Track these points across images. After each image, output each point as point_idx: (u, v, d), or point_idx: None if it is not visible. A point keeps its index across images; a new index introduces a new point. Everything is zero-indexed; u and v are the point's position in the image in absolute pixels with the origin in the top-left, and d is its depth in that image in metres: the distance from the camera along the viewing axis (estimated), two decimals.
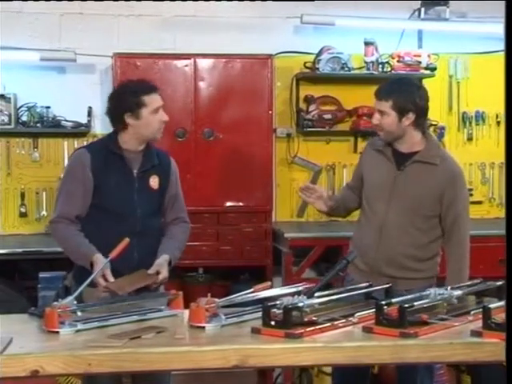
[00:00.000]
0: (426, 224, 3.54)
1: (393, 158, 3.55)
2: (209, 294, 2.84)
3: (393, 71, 5.42)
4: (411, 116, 3.47)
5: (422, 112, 3.52)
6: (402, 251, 3.52)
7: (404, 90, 3.49)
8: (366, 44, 5.36)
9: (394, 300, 2.78)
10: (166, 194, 3.49)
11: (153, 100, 3.36)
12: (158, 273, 3.28)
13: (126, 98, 3.36)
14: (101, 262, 3.16)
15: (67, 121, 5.25)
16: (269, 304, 2.72)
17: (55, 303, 2.79)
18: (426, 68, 5.45)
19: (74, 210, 3.36)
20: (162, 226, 3.53)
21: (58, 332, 2.68)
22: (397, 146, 3.56)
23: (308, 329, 2.63)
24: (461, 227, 3.55)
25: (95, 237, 3.31)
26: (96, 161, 3.36)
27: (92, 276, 3.04)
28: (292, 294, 2.85)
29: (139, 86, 3.38)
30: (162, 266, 3.30)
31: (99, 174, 3.35)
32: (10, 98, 5.13)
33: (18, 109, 5.21)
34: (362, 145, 5.56)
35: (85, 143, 5.32)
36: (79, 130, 5.29)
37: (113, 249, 3.11)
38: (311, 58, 5.42)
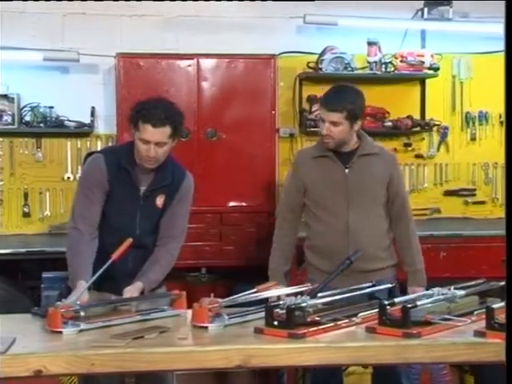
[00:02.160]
0: (382, 211, 3.69)
1: (337, 159, 3.64)
2: (212, 294, 2.84)
3: (396, 71, 5.43)
4: (359, 122, 3.62)
5: (363, 116, 3.79)
6: (372, 242, 3.62)
7: (354, 98, 3.60)
8: (369, 44, 5.36)
9: (396, 300, 2.78)
10: (166, 210, 3.39)
11: (146, 131, 3.17)
12: None
13: (133, 112, 3.26)
14: (80, 289, 3.02)
15: (70, 121, 5.25)
16: (272, 304, 2.72)
17: (58, 303, 2.80)
18: (429, 68, 5.45)
19: (93, 214, 3.30)
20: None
21: (61, 332, 2.68)
22: (339, 148, 3.65)
23: (311, 329, 2.63)
24: (408, 208, 3.75)
25: None
26: (109, 169, 3.30)
27: (81, 291, 2.99)
28: (295, 294, 2.85)
29: (146, 111, 3.19)
30: (131, 293, 3.18)
31: (110, 183, 3.30)
32: (13, 98, 5.14)
33: (22, 109, 5.22)
34: None
35: (88, 143, 5.35)
36: (82, 130, 5.30)
37: (107, 256, 3.08)
38: (314, 58, 5.42)
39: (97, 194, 3.30)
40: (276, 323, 2.65)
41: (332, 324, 2.71)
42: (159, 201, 3.36)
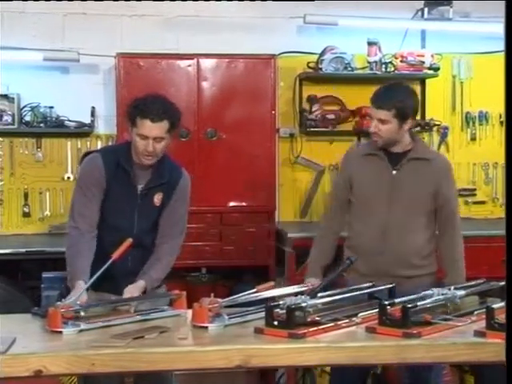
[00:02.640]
0: (426, 219, 3.59)
1: (386, 159, 3.57)
2: (212, 294, 2.85)
3: (396, 71, 5.42)
4: (410, 122, 3.53)
5: (416, 115, 3.63)
6: (408, 249, 3.54)
7: (404, 97, 3.53)
8: (369, 44, 5.35)
9: (397, 300, 2.78)
10: (164, 208, 3.40)
11: (144, 126, 3.20)
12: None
13: (130, 108, 3.28)
14: (79, 290, 3.01)
15: (70, 121, 5.25)
16: (272, 304, 2.72)
17: (58, 303, 2.80)
18: (430, 68, 5.44)
19: (92, 213, 3.30)
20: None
21: (61, 332, 2.68)
22: (390, 148, 3.58)
23: (311, 329, 2.63)
24: (456, 219, 3.65)
25: None
26: (107, 168, 3.31)
27: (80, 292, 2.98)
28: (295, 294, 2.85)
29: (144, 106, 3.22)
30: (131, 292, 3.18)
31: (108, 182, 3.31)
32: (13, 98, 5.14)
33: (22, 109, 5.22)
34: None
35: (88, 143, 5.35)
36: (82, 130, 5.30)
37: (106, 255, 3.08)
38: (314, 58, 5.42)
39: (95, 193, 3.31)
40: (276, 323, 2.65)
41: (332, 324, 2.71)
42: (157, 199, 3.37)
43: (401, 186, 3.54)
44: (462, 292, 2.94)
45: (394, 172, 3.55)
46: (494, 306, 2.64)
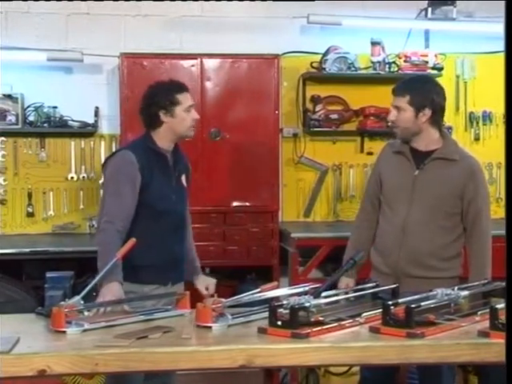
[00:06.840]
0: (449, 221, 3.54)
1: (411, 157, 3.55)
2: (215, 294, 2.84)
3: (400, 71, 5.42)
4: (427, 112, 3.49)
5: (438, 108, 3.56)
6: (425, 250, 3.50)
7: (421, 86, 3.53)
8: (373, 44, 5.35)
9: (400, 300, 2.78)
10: (188, 188, 3.66)
11: (186, 98, 3.47)
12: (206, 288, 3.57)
13: (161, 96, 3.45)
14: (114, 292, 3.14)
15: (74, 121, 5.26)
16: (275, 304, 2.72)
17: (62, 303, 2.80)
18: (433, 68, 5.44)
19: (125, 211, 3.35)
20: None
21: (64, 332, 2.68)
22: (414, 145, 3.56)
23: (314, 329, 2.63)
24: (482, 223, 3.55)
25: (135, 234, 3.31)
26: (141, 160, 3.40)
27: (102, 300, 3.09)
28: (298, 294, 2.85)
29: (172, 86, 3.50)
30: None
31: (145, 173, 3.40)
32: (17, 98, 5.15)
33: (25, 109, 5.23)
34: (368, 145, 5.56)
35: (91, 143, 5.36)
36: (86, 130, 5.30)
37: (165, 243, 3.34)
38: (318, 57, 5.42)
39: (129, 189, 3.38)
40: (279, 323, 2.65)
41: (336, 324, 2.70)
42: (184, 180, 3.59)
43: (422, 186, 3.51)
44: (466, 292, 2.94)
45: (417, 172, 3.53)
46: (498, 306, 2.64)
